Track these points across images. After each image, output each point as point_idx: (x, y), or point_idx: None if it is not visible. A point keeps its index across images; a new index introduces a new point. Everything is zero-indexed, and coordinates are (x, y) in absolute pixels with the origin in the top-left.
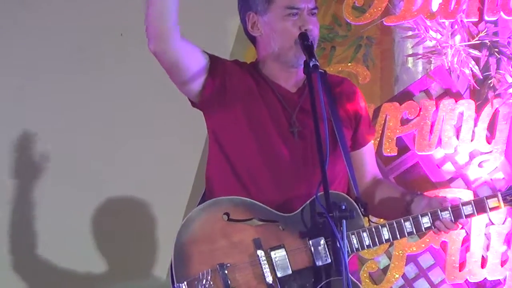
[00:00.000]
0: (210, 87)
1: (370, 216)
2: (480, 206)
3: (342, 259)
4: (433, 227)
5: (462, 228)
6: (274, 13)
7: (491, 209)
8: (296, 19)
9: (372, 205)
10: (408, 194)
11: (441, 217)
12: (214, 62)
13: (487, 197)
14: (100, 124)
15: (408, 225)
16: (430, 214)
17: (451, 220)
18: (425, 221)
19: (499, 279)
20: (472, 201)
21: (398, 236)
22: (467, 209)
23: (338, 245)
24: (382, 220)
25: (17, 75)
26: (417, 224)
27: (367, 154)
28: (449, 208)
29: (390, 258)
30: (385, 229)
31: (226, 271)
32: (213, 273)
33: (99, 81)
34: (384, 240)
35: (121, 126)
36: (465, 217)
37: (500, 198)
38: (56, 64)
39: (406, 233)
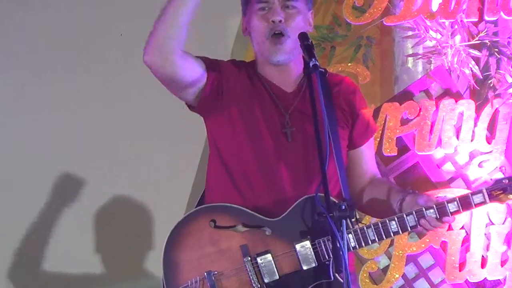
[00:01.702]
0: (207, 92)
1: (361, 216)
2: (465, 202)
3: (342, 259)
4: (418, 225)
5: (452, 227)
6: (250, 11)
7: (476, 205)
8: (265, 13)
9: (367, 205)
10: (401, 193)
11: (426, 215)
12: (210, 67)
13: (472, 193)
14: (100, 124)
15: (393, 225)
16: (415, 213)
17: (436, 218)
18: (410, 220)
19: (499, 279)
20: (457, 198)
21: (384, 236)
22: (452, 206)
23: (338, 245)
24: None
25: (17, 75)
26: (402, 224)
27: (365, 153)
28: (434, 206)
29: (390, 258)
30: (370, 230)
31: (214, 279)
32: (201, 281)
33: (99, 82)
34: (370, 241)
35: (121, 127)
36: (451, 214)
37: (485, 193)
38: (56, 64)
39: (392, 233)
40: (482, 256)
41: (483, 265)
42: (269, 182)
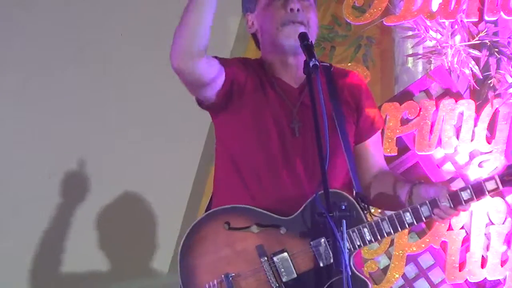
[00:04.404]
0: (222, 93)
1: (372, 209)
2: (478, 190)
3: (342, 259)
4: (432, 215)
5: (452, 227)
6: (260, 5)
7: (490, 191)
8: (281, 2)
9: (375, 199)
10: (408, 185)
11: (440, 205)
12: (225, 65)
13: (485, 180)
14: (100, 124)
15: (408, 216)
16: (429, 203)
17: (450, 207)
18: (424, 210)
19: (499, 279)
20: (470, 186)
21: (399, 228)
22: (466, 194)
23: (338, 244)
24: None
25: (17, 75)
26: (416, 215)
27: (372, 147)
28: (447, 196)
29: (390, 258)
30: (385, 222)
31: (231, 281)
32: (219, 284)
33: (99, 81)
34: (385, 234)
35: (121, 126)
36: (465, 203)
37: (498, 179)
38: (56, 64)
39: (406, 224)
40: (482, 256)
41: (483, 265)
42: (276, 179)
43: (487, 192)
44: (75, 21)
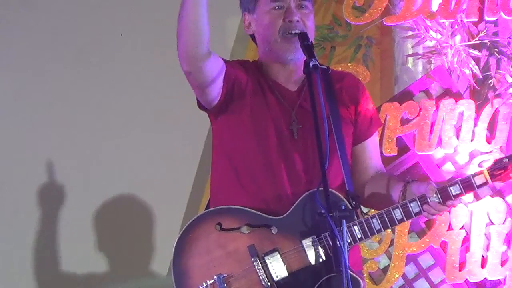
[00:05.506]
0: (224, 94)
1: (363, 208)
2: (467, 184)
3: (341, 259)
4: (422, 211)
5: (452, 227)
6: (260, 9)
7: (479, 186)
8: (281, 12)
9: (369, 199)
10: (401, 184)
11: (429, 201)
12: (228, 69)
13: (473, 175)
14: (100, 124)
15: (397, 213)
16: (418, 199)
17: (440, 202)
18: (414, 206)
19: (499, 279)
20: (459, 180)
21: (389, 225)
22: (455, 189)
23: (339, 244)
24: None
25: (17, 75)
26: (406, 211)
27: (369, 147)
28: (437, 191)
29: (390, 258)
30: (375, 219)
31: (224, 282)
32: (211, 285)
33: (99, 81)
34: (375, 231)
35: (121, 126)
36: (454, 198)
37: (487, 173)
38: (56, 64)
39: (396, 221)
40: (482, 256)
41: (483, 265)
42: (275, 180)
43: (476, 187)
44: (75, 21)
